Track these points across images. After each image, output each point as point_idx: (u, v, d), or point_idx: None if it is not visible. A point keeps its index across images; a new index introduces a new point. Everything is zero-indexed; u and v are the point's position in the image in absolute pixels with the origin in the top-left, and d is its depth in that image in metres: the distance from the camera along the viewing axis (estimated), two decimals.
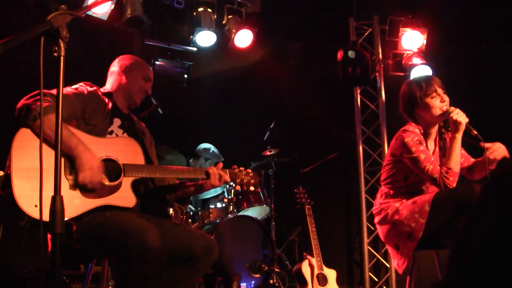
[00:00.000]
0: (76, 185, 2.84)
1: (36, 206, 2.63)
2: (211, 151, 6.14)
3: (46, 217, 1.96)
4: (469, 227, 1.35)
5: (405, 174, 3.74)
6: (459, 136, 3.54)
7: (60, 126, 1.97)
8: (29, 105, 2.76)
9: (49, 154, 2.15)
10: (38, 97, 2.78)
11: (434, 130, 3.82)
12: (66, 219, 2.66)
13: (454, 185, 3.50)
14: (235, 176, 3.41)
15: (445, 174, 3.48)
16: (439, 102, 3.66)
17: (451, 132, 3.59)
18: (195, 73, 7.00)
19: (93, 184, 2.83)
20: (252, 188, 3.44)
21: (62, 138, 1.87)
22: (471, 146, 3.76)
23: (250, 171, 3.49)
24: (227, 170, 3.36)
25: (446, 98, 3.69)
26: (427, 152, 3.61)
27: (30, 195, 2.66)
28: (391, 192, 3.79)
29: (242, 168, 3.46)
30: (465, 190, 3.34)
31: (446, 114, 3.62)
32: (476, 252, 1.28)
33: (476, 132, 3.56)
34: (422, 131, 3.75)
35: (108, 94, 3.33)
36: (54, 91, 2.87)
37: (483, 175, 3.82)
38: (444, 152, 3.72)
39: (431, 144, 3.80)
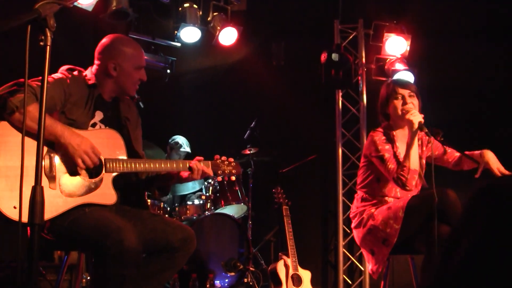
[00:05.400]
0: (75, 172, 2.84)
1: (15, 207, 2.56)
2: (175, 141, 6.18)
3: (25, 218, 1.92)
4: (456, 235, 1.36)
5: (378, 176, 3.81)
6: (413, 135, 3.64)
7: (43, 116, 1.94)
8: (5, 98, 2.64)
9: (29, 151, 2.08)
10: (14, 88, 2.68)
11: (406, 133, 3.83)
12: (45, 219, 2.63)
13: (413, 183, 3.61)
14: (217, 167, 3.35)
15: (401, 172, 3.60)
16: (400, 105, 3.80)
17: (408, 131, 3.70)
18: (178, 69, 6.97)
19: (95, 165, 2.88)
20: (233, 178, 3.42)
21: (46, 127, 1.83)
22: None
23: (232, 160, 3.44)
24: (210, 163, 3.31)
25: (412, 101, 3.81)
26: (391, 151, 3.73)
27: (9, 196, 2.57)
28: (366, 196, 3.85)
29: (224, 158, 3.41)
30: (438, 197, 3.38)
31: (403, 114, 3.74)
32: (464, 259, 1.29)
33: (426, 130, 3.65)
34: (392, 132, 3.88)
35: (92, 86, 3.13)
36: (32, 82, 2.75)
37: (471, 167, 3.92)
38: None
39: (402, 146, 3.81)
